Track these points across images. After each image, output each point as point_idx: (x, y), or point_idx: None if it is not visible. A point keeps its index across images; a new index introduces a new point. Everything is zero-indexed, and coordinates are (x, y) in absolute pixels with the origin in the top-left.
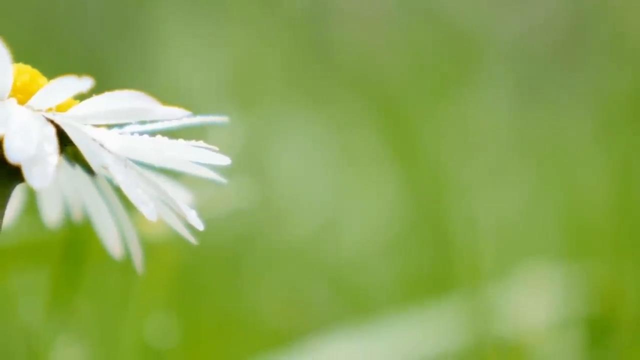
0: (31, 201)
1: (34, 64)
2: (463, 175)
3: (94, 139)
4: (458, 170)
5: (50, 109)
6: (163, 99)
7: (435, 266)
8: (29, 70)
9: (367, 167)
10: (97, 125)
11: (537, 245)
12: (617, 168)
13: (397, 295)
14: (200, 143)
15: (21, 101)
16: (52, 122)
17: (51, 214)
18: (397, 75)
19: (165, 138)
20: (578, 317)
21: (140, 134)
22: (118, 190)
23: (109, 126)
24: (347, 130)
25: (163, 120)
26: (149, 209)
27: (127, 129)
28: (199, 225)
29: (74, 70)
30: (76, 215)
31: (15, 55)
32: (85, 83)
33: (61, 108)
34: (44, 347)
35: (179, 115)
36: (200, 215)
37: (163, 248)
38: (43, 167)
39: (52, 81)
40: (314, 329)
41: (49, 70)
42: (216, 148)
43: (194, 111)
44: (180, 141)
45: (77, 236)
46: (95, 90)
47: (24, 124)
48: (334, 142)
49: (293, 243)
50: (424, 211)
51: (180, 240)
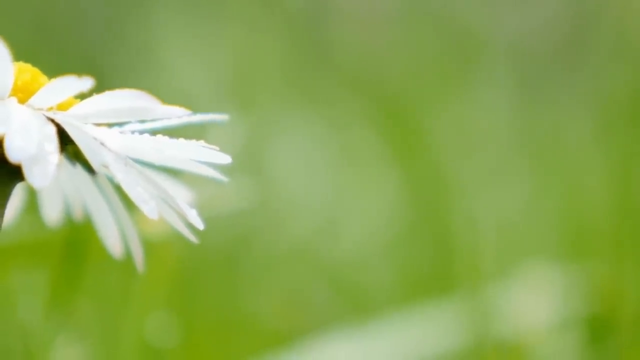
0: (32, 200)
1: (34, 63)
2: (463, 175)
3: (95, 138)
4: (458, 170)
5: (50, 108)
6: (163, 99)
7: (435, 266)
8: (29, 69)
9: (367, 167)
10: (98, 124)
11: (537, 245)
12: (617, 168)
13: (397, 295)
14: (201, 142)
15: (22, 100)
16: (53, 121)
17: (52, 213)
18: (397, 75)
19: (165, 137)
20: (578, 317)
21: (141, 132)
22: (118, 189)
23: (110, 125)
24: (347, 130)
25: (163, 119)
26: (149, 208)
27: (128, 127)
28: (199, 225)
29: (74, 70)
30: (77, 214)
31: (15, 55)
32: (86, 83)
33: (62, 107)
34: (44, 347)
35: (179, 114)
36: (200, 214)
37: (163, 247)
38: (43, 166)
39: (53, 80)
40: (314, 329)
41: (49, 70)
42: (216, 147)
43: (193, 111)
44: (181, 140)
45: (78, 235)
46: (95, 89)
47: (25, 123)
48: (333, 142)
49: (293, 243)
50: (424, 211)
51: (180, 239)
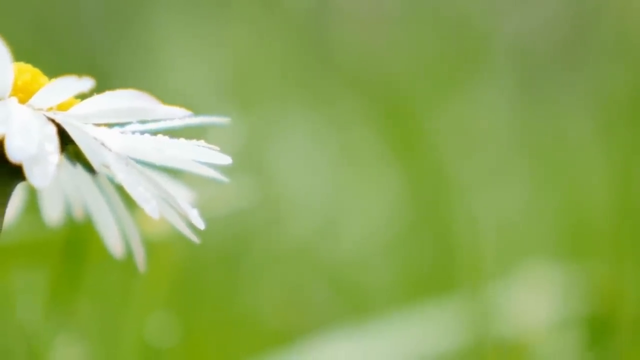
0: (32, 200)
1: (34, 63)
2: (463, 174)
3: (95, 138)
4: (458, 170)
5: (51, 108)
6: (163, 99)
7: (435, 266)
8: (30, 70)
9: (367, 167)
10: (98, 124)
11: (538, 245)
12: (617, 168)
13: (397, 295)
14: (201, 142)
15: (22, 100)
16: (53, 121)
17: (52, 213)
18: (397, 75)
19: (166, 137)
20: (578, 317)
21: (141, 133)
22: (119, 188)
23: (110, 125)
24: (347, 129)
25: (164, 119)
26: (151, 207)
27: (128, 128)
28: (201, 224)
29: (74, 70)
30: (77, 214)
31: (15, 55)
32: (86, 83)
33: (62, 107)
34: (44, 346)
35: (180, 115)
36: (200, 214)
37: (163, 247)
38: (44, 166)
39: (53, 81)
40: (314, 329)
41: (49, 70)
42: (217, 147)
43: (194, 111)
44: (181, 140)
45: (78, 235)
46: (95, 89)
47: (25, 123)
48: (334, 142)
49: (293, 242)
50: (424, 211)
51: (180, 239)
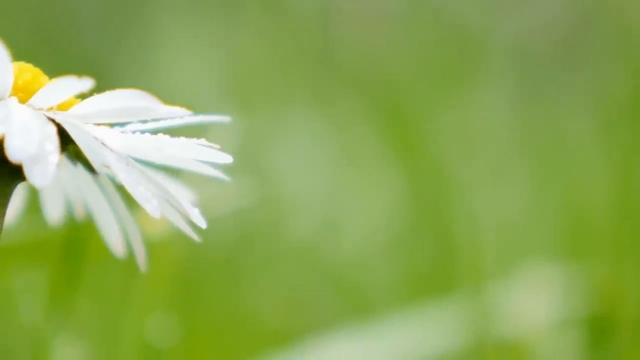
0: (33, 200)
1: (34, 63)
2: (463, 174)
3: (96, 138)
4: (458, 170)
5: (51, 108)
6: (163, 99)
7: (435, 266)
8: (30, 69)
9: (368, 167)
10: (99, 124)
11: (538, 245)
12: (617, 168)
13: (397, 295)
14: (202, 141)
15: (22, 100)
16: (53, 121)
17: (53, 213)
18: (398, 75)
19: (166, 136)
20: (578, 317)
21: (142, 132)
22: (120, 188)
23: (111, 125)
24: (348, 129)
25: (164, 119)
26: (152, 206)
27: (129, 127)
28: (202, 224)
29: (74, 70)
30: (78, 213)
31: (16, 55)
32: (86, 83)
33: (62, 107)
34: (44, 346)
35: (180, 114)
36: (201, 213)
37: (163, 247)
38: (44, 166)
39: (53, 80)
40: (314, 329)
41: (49, 70)
42: (217, 146)
43: (194, 111)
44: (182, 139)
45: (78, 235)
46: (95, 89)
47: (25, 123)
48: (334, 142)
49: (293, 242)
50: (425, 211)
51: (180, 239)
